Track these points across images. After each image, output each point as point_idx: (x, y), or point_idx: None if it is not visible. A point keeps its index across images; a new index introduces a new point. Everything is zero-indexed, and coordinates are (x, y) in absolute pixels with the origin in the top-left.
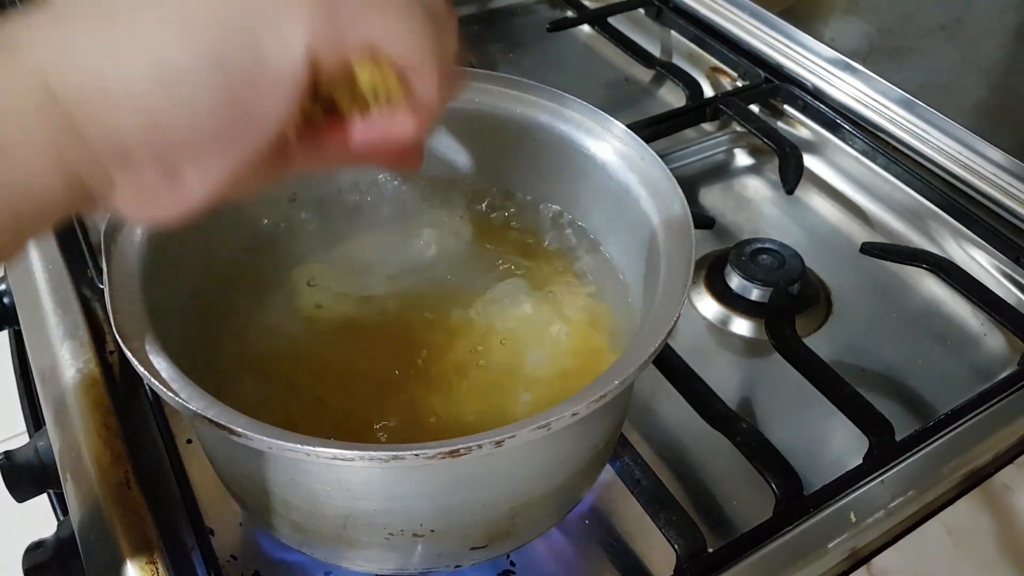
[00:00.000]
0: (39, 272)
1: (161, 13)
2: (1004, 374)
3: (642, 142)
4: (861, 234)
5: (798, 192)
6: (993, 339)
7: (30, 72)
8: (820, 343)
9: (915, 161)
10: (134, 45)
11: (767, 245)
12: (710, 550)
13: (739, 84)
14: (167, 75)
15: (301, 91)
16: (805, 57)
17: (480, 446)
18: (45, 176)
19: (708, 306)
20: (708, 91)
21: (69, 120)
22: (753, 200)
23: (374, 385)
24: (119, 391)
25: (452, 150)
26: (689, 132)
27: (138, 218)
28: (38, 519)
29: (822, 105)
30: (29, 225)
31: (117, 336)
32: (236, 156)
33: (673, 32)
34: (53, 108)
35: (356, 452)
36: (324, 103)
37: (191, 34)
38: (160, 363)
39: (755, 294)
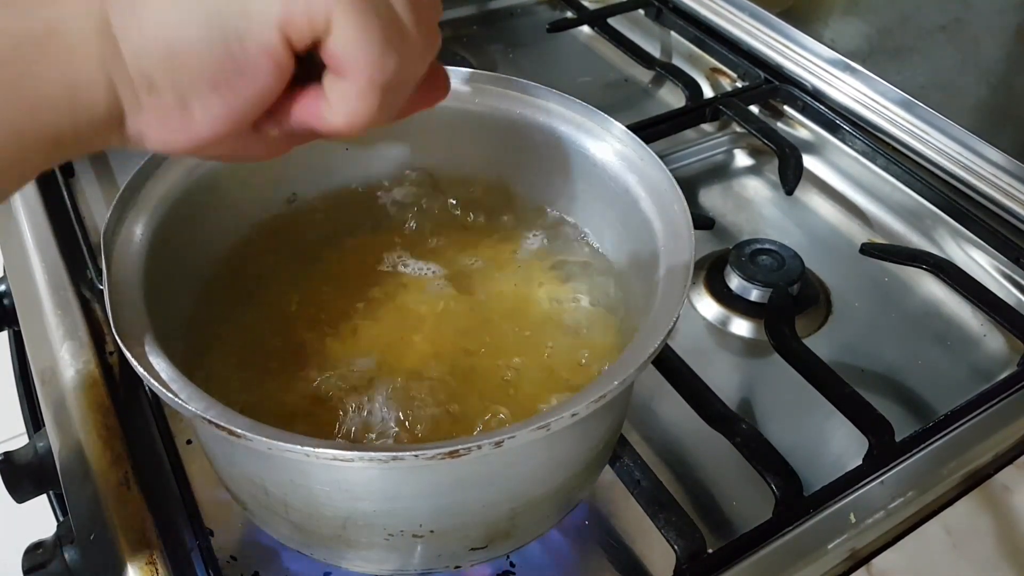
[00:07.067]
0: (39, 272)
1: None
2: (1004, 374)
3: (642, 143)
4: (861, 235)
5: (798, 193)
6: (993, 340)
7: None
8: (820, 343)
9: (915, 162)
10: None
11: (767, 246)
12: (710, 551)
13: (739, 85)
14: (184, 18)
15: (278, 52)
16: (805, 58)
17: (480, 447)
18: (92, 80)
19: (708, 307)
20: (708, 92)
21: (114, 40)
22: (753, 201)
23: (377, 383)
24: (119, 391)
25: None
26: (689, 133)
27: (153, 139)
28: (38, 519)
29: (822, 106)
30: (69, 141)
31: (117, 336)
32: (233, 101)
33: (673, 33)
34: (105, 26)
35: (355, 453)
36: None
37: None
38: (160, 363)
39: (755, 295)
